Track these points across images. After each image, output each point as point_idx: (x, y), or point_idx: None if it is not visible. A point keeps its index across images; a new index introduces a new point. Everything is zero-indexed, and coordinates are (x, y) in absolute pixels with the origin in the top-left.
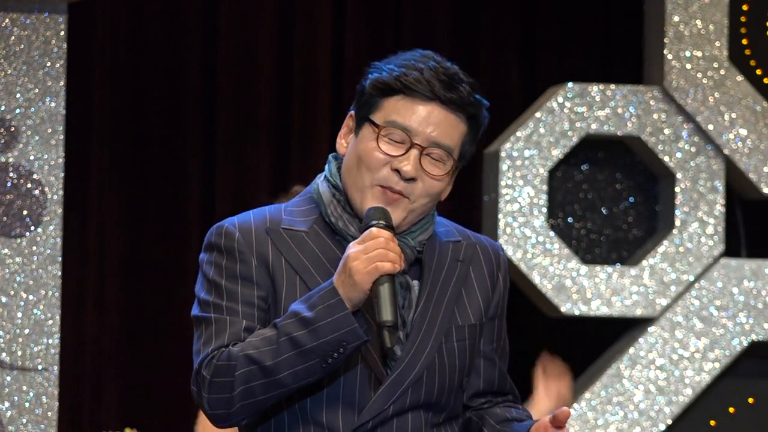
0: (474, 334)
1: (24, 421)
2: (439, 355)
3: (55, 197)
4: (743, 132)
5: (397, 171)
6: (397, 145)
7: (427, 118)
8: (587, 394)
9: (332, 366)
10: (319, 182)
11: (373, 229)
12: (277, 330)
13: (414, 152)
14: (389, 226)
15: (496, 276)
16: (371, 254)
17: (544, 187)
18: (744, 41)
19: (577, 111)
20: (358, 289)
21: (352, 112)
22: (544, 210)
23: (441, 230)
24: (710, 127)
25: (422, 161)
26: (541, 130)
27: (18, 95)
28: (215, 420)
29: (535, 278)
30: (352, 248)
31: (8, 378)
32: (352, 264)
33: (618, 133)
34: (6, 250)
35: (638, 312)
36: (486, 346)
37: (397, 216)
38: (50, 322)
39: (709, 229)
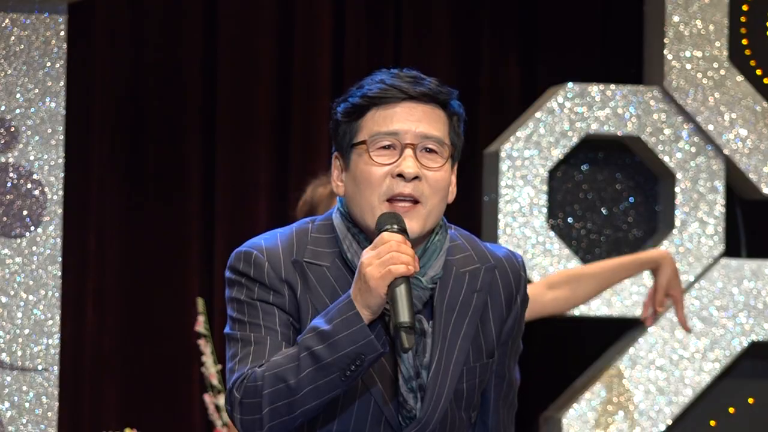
0: (485, 371)
1: (24, 421)
2: (451, 405)
3: (55, 197)
4: (743, 132)
5: (400, 175)
6: (389, 152)
7: (407, 117)
8: (587, 394)
9: (351, 380)
10: (333, 215)
11: (385, 234)
12: (298, 345)
13: (408, 152)
14: (402, 230)
15: (514, 299)
16: (384, 258)
17: (544, 187)
18: (744, 41)
19: (577, 111)
20: (374, 295)
21: (336, 153)
22: (544, 210)
23: (458, 257)
24: (710, 127)
25: (419, 158)
26: (541, 130)
27: (18, 95)
28: None
29: (535, 278)
30: (366, 254)
31: (8, 378)
32: (366, 270)
33: (618, 133)
34: (6, 250)
35: (638, 312)
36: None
37: (415, 226)
38: (50, 322)
39: (709, 229)
